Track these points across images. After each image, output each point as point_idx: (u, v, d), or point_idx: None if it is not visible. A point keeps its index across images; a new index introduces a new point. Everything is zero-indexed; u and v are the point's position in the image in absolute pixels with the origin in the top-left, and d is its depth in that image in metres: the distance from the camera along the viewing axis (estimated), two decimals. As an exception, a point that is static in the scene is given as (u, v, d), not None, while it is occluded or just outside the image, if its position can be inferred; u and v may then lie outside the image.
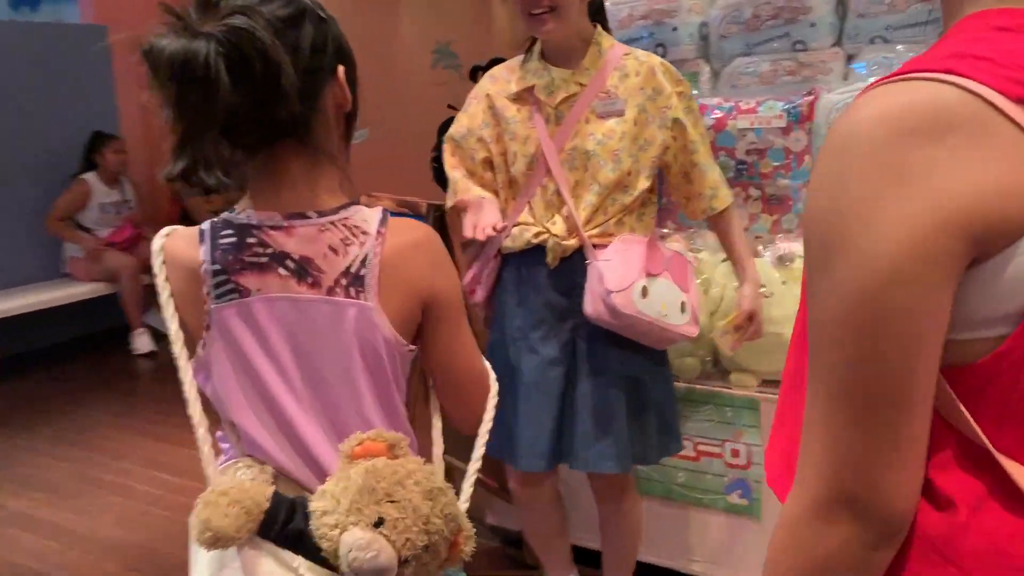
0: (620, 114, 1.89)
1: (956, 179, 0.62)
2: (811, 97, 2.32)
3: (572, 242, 1.89)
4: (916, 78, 0.65)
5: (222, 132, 1.00)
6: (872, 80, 2.36)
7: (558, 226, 1.91)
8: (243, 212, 1.10)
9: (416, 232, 1.13)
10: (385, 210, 1.13)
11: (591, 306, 1.86)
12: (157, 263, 1.12)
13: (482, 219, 1.90)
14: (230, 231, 1.09)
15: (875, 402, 0.65)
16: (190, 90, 0.94)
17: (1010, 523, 0.67)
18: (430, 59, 7.03)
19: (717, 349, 2.24)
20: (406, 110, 6.97)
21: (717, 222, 2.03)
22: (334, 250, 1.08)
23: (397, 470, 0.99)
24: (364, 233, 1.08)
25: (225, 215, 1.11)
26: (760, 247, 2.17)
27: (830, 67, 2.55)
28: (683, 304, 1.88)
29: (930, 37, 2.42)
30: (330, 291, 1.07)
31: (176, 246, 1.13)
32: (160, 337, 5.49)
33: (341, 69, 1.09)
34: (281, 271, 1.07)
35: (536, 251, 1.93)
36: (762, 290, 2.11)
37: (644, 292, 1.82)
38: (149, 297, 5.58)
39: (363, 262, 1.07)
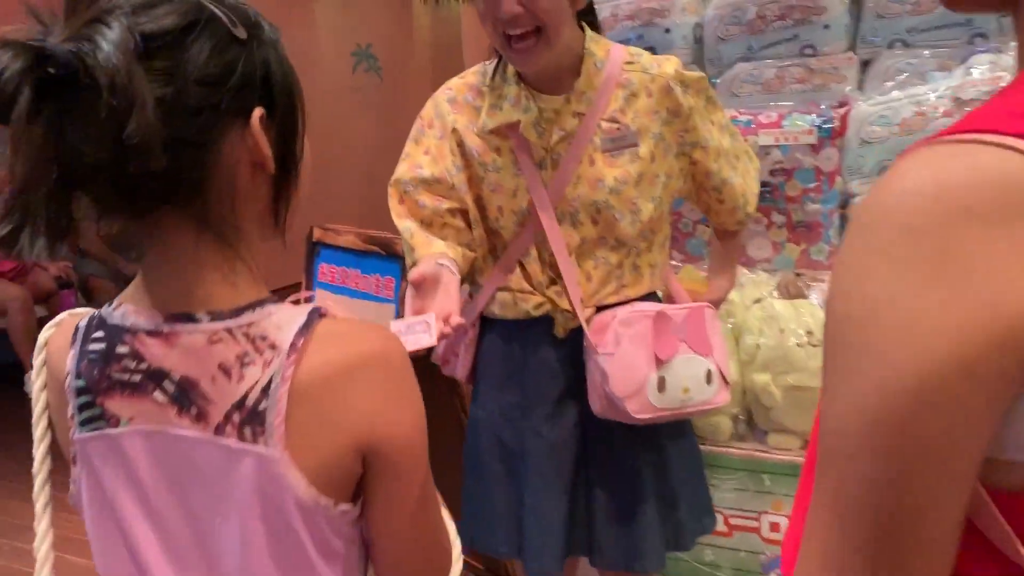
0: (633, 147, 1.49)
1: (1021, 279, 0.50)
2: (843, 108, 2.02)
3: (587, 312, 1.52)
4: (978, 140, 0.51)
5: (77, 187, 0.69)
6: (895, 92, 1.82)
7: (564, 298, 1.53)
8: (120, 306, 0.79)
9: (357, 345, 0.77)
10: (316, 311, 0.76)
11: (597, 405, 1.51)
12: (38, 363, 0.85)
13: (431, 305, 1.37)
14: (100, 333, 0.79)
15: (888, 534, 0.56)
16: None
17: None
18: (350, 63, 6.57)
19: (752, 406, 1.91)
20: (330, 122, 6.47)
21: (738, 229, 1.70)
22: (226, 371, 0.74)
23: None
24: (272, 347, 0.74)
25: (104, 308, 0.81)
26: (803, 286, 1.85)
27: (844, 74, 2.26)
28: (708, 373, 1.52)
29: (960, 40, 2.16)
30: (219, 430, 0.74)
31: (57, 344, 0.84)
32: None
33: (258, 113, 0.73)
34: (158, 396, 0.76)
35: (536, 320, 1.56)
36: (808, 338, 1.79)
37: (661, 385, 1.47)
38: (43, 332, 4.97)
39: (265, 390, 0.73)
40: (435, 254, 1.46)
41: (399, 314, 1.94)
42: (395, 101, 6.36)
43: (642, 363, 1.45)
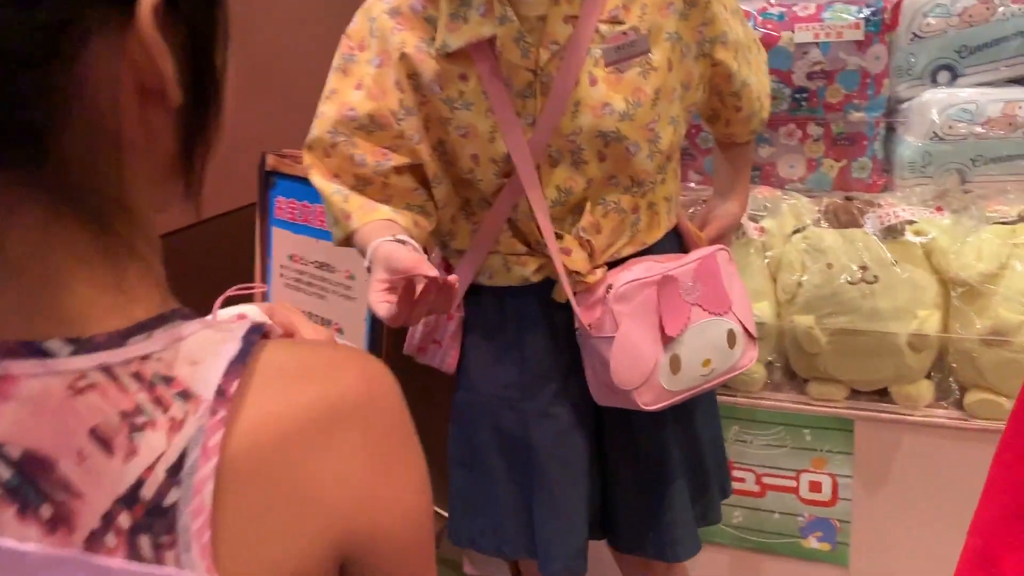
0: (643, 55, 1.16)
1: None
2: (895, -4, 1.70)
3: (598, 274, 1.21)
4: None
5: None
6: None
7: (576, 257, 1.20)
8: None
9: (323, 385, 0.47)
10: (255, 330, 0.47)
11: (598, 394, 1.23)
12: None
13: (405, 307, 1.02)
14: None
15: None
16: None
17: None
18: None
19: (789, 352, 1.66)
20: (277, 23, 5.91)
21: (750, 139, 1.41)
22: (103, 441, 0.42)
23: None
24: (184, 397, 0.44)
25: None
26: (856, 211, 1.57)
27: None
28: (730, 334, 1.24)
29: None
30: (93, 542, 0.42)
31: None
32: None
33: (149, 4, 0.41)
34: None
35: (534, 286, 1.25)
36: (864, 273, 1.53)
37: (674, 365, 1.19)
38: None
39: (174, 473, 0.43)
40: (382, 223, 1.13)
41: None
42: None
43: (648, 345, 1.17)
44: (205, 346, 0.44)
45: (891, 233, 1.52)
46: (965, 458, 1.55)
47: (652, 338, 1.18)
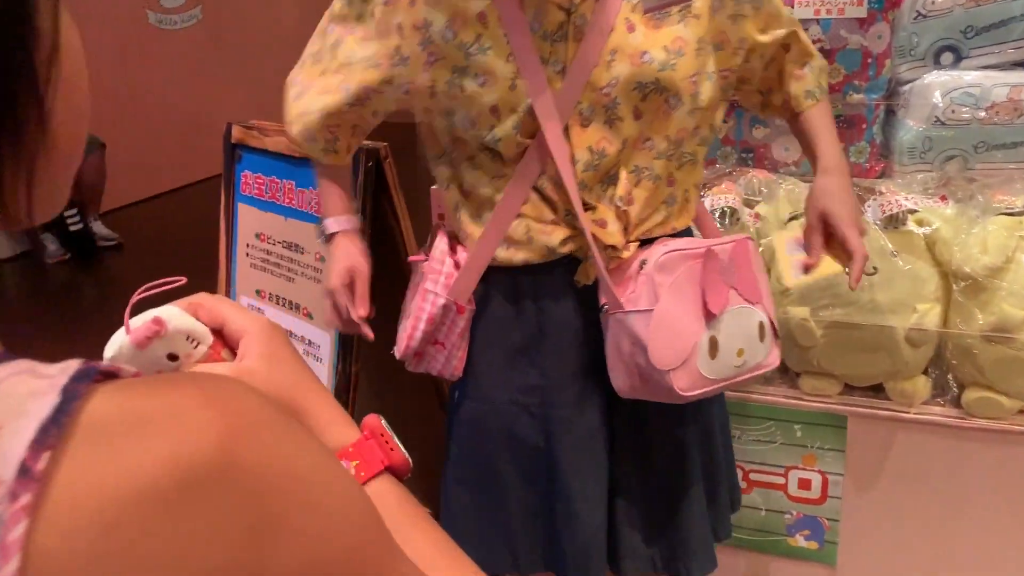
0: (684, 1, 1.07)
1: None
2: (900, -28, 1.62)
3: (632, 249, 1.12)
4: None
5: None
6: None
7: (611, 230, 1.10)
8: None
9: (179, 436, 0.34)
10: (83, 375, 0.35)
11: (624, 382, 1.11)
12: None
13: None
14: None
15: None
16: None
17: None
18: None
19: (781, 344, 1.58)
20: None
21: (819, 101, 1.25)
22: None
23: None
24: None
25: None
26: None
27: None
28: (761, 327, 1.15)
29: None
30: None
31: None
32: None
33: None
34: None
35: (555, 264, 1.14)
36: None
37: (713, 348, 1.09)
38: None
39: None
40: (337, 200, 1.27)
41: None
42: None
43: (690, 321, 1.07)
44: (9, 404, 0.33)
45: (892, 222, 1.44)
46: (962, 458, 1.49)
47: (694, 314, 1.08)
